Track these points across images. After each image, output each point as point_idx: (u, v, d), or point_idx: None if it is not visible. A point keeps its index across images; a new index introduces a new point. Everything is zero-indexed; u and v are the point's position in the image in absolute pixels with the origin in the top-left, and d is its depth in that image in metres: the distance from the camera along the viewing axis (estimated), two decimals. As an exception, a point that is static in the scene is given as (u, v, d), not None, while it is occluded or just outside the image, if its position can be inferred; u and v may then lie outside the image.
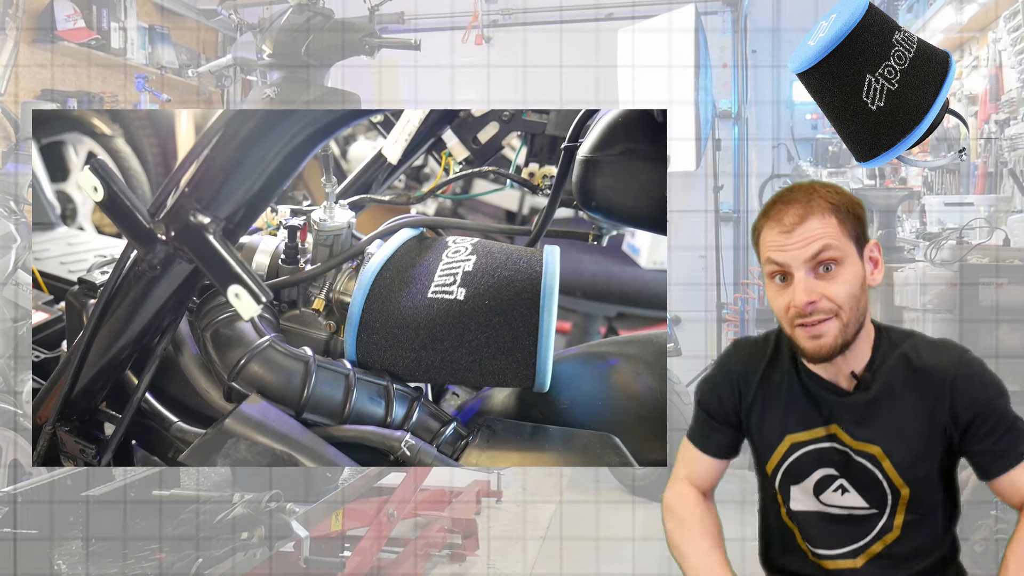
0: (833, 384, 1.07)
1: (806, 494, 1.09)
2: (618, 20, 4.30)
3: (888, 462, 1.04)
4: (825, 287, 1.00)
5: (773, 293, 1.04)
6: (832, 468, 1.07)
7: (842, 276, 1.01)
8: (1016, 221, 2.62)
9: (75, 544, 1.63)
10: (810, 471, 1.08)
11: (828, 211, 1.01)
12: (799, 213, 1.01)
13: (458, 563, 2.81)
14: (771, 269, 1.03)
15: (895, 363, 1.05)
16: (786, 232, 1.01)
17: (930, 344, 1.07)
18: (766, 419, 1.11)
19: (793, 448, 1.08)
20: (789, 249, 1.01)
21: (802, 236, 1.00)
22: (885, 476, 1.05)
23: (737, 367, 1.14)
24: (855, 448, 1.05)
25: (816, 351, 1.02)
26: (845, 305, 1.01)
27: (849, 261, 1.01)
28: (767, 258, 1.03)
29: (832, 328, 1.01)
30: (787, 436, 1.09)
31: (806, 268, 1.00)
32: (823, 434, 1.07)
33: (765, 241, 1.03)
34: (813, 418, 1.07)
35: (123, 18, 3.89)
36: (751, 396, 1.12)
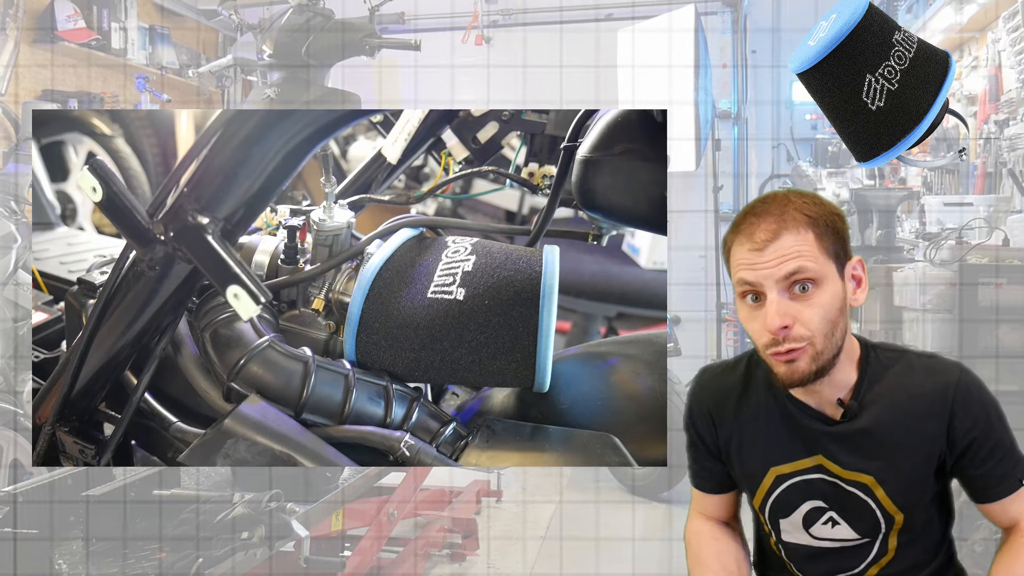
0: (819, 412, 1.00)
1: (795, 527, 1.04)
2: (618, 21, 4.31)
3: (881, 491, 0.99)
4: (799, 310, 0.92)
5: (745, 314, 0.96)
6: (820, 500, 1.02)
7: (818, 298, 0.92)
8: (1015, 221, 2.62)
9: (75, 544, 1.63)
10: (798, 504, 1.03)
11: (804, 225, 0.93)
12: (771, 228, 0.92)
13: (458, 563, 2.81)
14: (742, 289, 0.95)
15: (886, 387, 0.98)
16: (757, 249, 0.92)
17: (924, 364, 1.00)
18: (746, 452, 1.05)
19: (778, 481, 1.02)
20: (760, 268, 0.92)
21: (775, 254, 0.91)
22: (879, 505, 1.00)
23: (706, 399, 1.08)
24: (845, 478, 1.00)
25: (788, 376, 0.94)
26: (820, 331, 0.92)
27: (827, 281, 0.93)
28: (738, 278, 0.94)
29: (805, 356, 0.93)
30: (771, 469, 1.03)
31: (779, 288, 0.92)
32: (809, 465, 1.01)
33: (735, 258, 0.95)
34: (797, 449, 1.01)
35: (123, 18, 3.89)
36: (727, 429, 1.05)
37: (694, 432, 1.10)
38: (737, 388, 1.05)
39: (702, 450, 1.10)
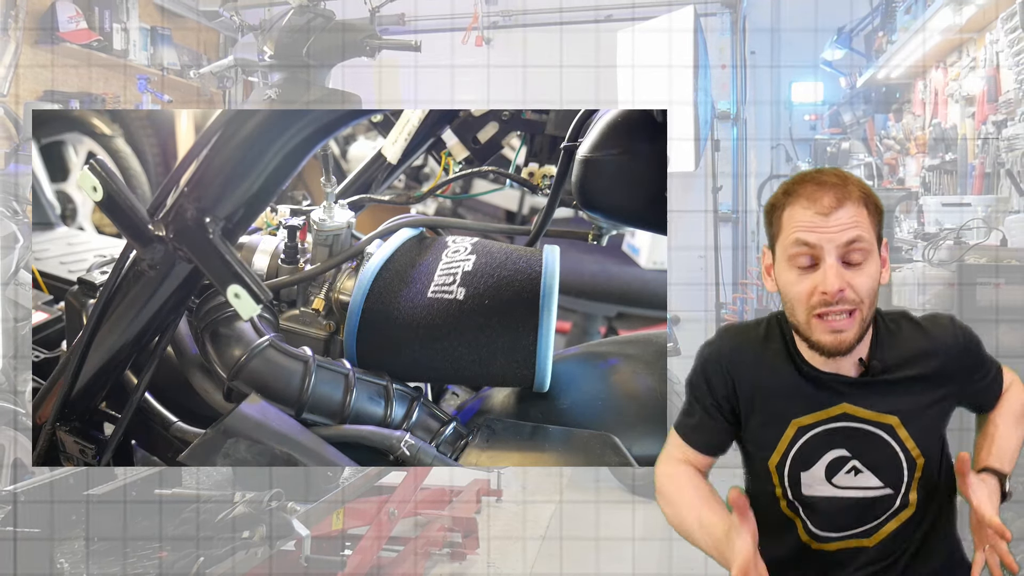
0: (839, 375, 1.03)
1: (817, 480, 1.05)
2: (618, 22, 4.31)
3: (905, 431, 1.02)
4: (852, 277, 0.96)
5: (793, 278, 0.97)
6: (843, 448, 1.03)
7: (867, 270, 0.97)
8: (1013, 221, 2.62)
9: (77, 543, 1.64)
10: (820, 454, 1.04)
11: (861, 201, 0.97)
12: (837, 196, 0.96)
13: (458, 562, 2.81)
14: (798, 251, 0.96)
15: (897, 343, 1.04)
16: (823, 214, 0.95)
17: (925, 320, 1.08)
18: (768, 406, 1.05)
19: (800, 432, 1.03)
20: (824, 231, 0.95)
21: (838, 221, 0.95)
22: (902, 447, 1.02)
23: (728, 355, 1.07)
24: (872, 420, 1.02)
25: (836, 345, 0.97)
26: (867, 300, 0.97)
27: (873, 255, 0.98)
28: (796, 239, 0.96)
29: (853, 323, 0.97)
30: (793, 421, 1.04)
31: (837, 254, 0.95)
32: (834, 413, 1.03)
33: (793, 219, 0.96)
34: (820, 400, 1.03)
35: (125, 19, 3.90)
36: (747, 386, 1.06)
37: (705, 386, 1.08)
38: (758, 346, 1.07)
39: (708, 405, 1.08)
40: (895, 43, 3.61)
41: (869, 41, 4.10)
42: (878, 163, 4.06)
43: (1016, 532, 1.97)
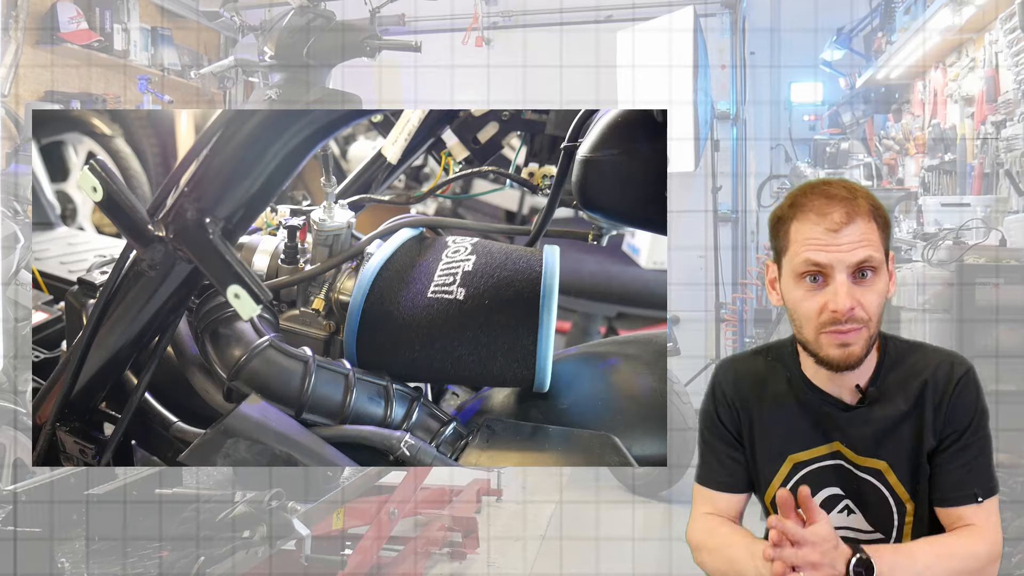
0: (836, 399, 1.02)
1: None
2: (618, 22, 4.32)
3: (893, 476, 1.01)
4: (862, 294, 0.95)
5: (801, 294, 0.96)
6: (837, 487, 1.03)
7: (876, 286, 0.96)
8: (1012, 221, 2.62)
9: (78, 543, 1.64)
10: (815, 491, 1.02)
11: (870, 215, 0.96)
12: (847, 212, 0.94)
13: (458, 561, 2.81)
14: (807, 269, 0.95)
15: (901, 375, 1.01)
16: (832, 231, 0.94)
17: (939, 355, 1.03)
18: (766, 440, 1.06)
19: (796, 468, 1.04)
20: (834, 251, 0.93)
21: (848, 238, 0.93)
22: (891, 491, 1.01)
23: (729, 389, 1.08)
24: (860, 465, 1.01)
25: (844, 359, 0.96)
26: (875, 317, 0.96)
27: (882, 272, 0.97)
28: (806, 258, 0.95)
29: (861, 338, 0.96)
30: (789, 456, 1.04)
31: (848, 272, 0.94)
32: (826, 451, 1.02)
33: (801, 235, 0.95)
34: (815, 436, 1.03)
35: (126, 20, 3.90)
36: (748, 416, 1.06)
37: (718, 423, 1.08)
38: (758, 377, 1.06)
39: (728, 440, 1.08)
40: (894, 43, 3.62)
41: (868, 41, 4.10)
42: (877, 163, 4.07)
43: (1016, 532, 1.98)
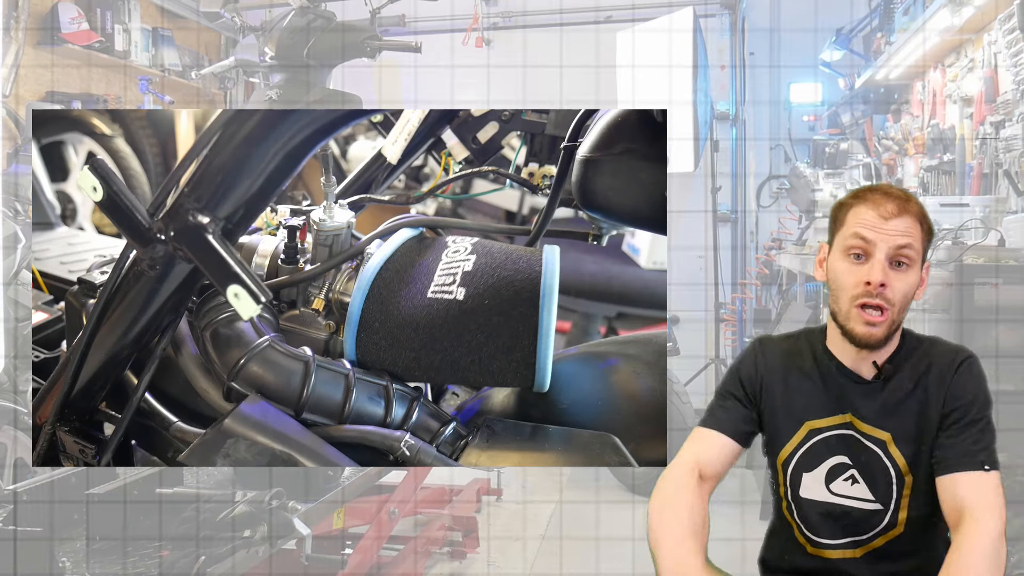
0: (855, 373, 1.13)
1: (817, 482, 1.13)
2: (617, 23, 4.32)
3: (895, 447, 1.10)
4: (894, 279, 1.08)
5: (845, 267, 1.09)
6: (845, 456, 1.12)
7: (908, 277, 1.08)
8: (1011, 222, 2.63)
9: (79, 542, 1.64)
10: (824, 458, 1.13)
11: (919, 218, 1.10)
12: (899, 206, 1.08)
13: (458, 561, 2.82)
14: (854, 243, 1.08)
15: (914, 359, 1.13)
16: (884, 217, 1.08)
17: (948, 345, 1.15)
18: (785, 407, 1.16)
19: (811, 434, 1.13)
20: (882, 232, 1.07)
21: (895, 227, 1.08)
22: (892, 462, 1.10)
23: (759, 358, 1.19)
24: (866, 433, 1.11)
25: (867, 337, 1.08)
26: (899, 304, 1.08)
27: (916, 267, 1.09)
28: (855, 232, 1.08)
29: (885, 321, 1.08)
30: (806, 422, 1.14)
31: (887, 254, 1.08)
32: (840, 421, 1.13)
33: (857, 217, 1.09)
34: (831, 405, 1.13)
35: (127, 20, 3.90)
36: (771, 384, 1.17)
37: (738, 381, 1.20)
38: (787, 351, 1.19)
39: (742, 397, 1.19)
40: (893, 44, 3.62)
41: (868, 42, 4.10)
42: (876, 163, 4.07)
43: (1015, 532, 1.98)
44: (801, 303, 3.65)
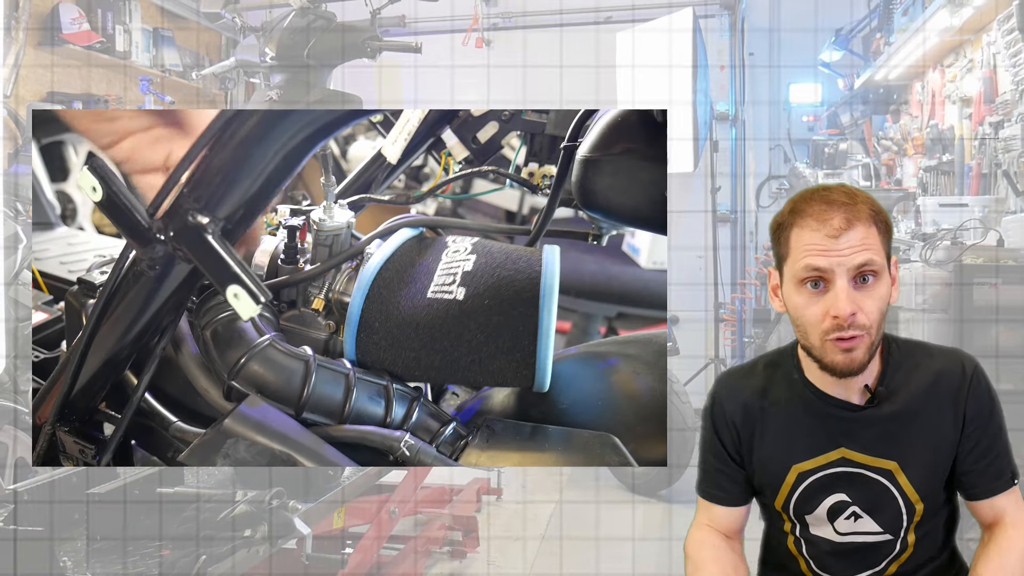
0: (844, 401, 1.02)
1: (820, 521, 1.06)
2: (617, 23, 4.32)
3: (904, 477, 1.01)
4: (863, 300, 0.95)
5: (803, 301, 0.96)
6: (843, 494, 1.03)
7: (877, 291, 0.96)
8: (1010, 222, 2.63)
9: (79, 542, 1.64)
10: (821, 499, 1.04)
11: (870, 220, 0.95)
12: (846, 217, 0.94)
13: (458, 560, 2.82)
14: (808, 275, 0.95)
15: (908, 374, 1.02)
16: (832, 237, 0.93)
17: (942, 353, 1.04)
18: (768, 452, 1.06)
19: (801, 478, 1.04)
20: (834, 255, 0.93)
21: (848, 244, 0.93)
22: (901, 492, 1.01)
23: (728, 404, 1.09)
24: (870, 465, 1.01)
25: (847, 366, 0.96)
26: (875, 323, 0.96)
27: (884, 275, 0.96)
28: (806, 264, 0.95)
29: (864, 344, 0.96)
30: (793, 467, 1.04)
31: (848, 277, 0.94)
32: (832, 458, 1.03)
33: (802, 242, 0.96)
34: (819, 443, 1.03)
35: (127, 21, 3.90)
36: (749, 432, 1.07)
37: (716, 439, 1.10)
38: (758, 390, 1.07)
39: (723, 457, 1.10)
40: (893, 44, 3.62)
41: (867, 43, 4.11)
42: (876, 164, 4.07)
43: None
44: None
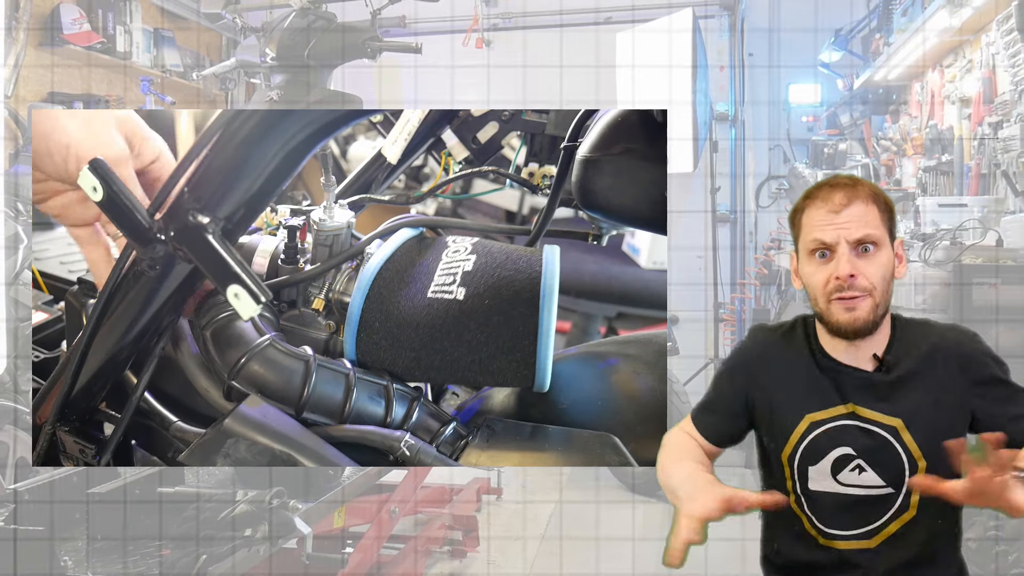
0: (853, 367, 1.11)
1: (823, 475, 1.12)
2: (617, 24, 4.32)
3: (908, 434, 1.09)
4: (864, 266, 1.07)
5: (812, 269, 1.09)
6: (849, 447, 1.11)
7: (878, 259, 1.08)
8: (1009, 222, 2.63)
9: (80, 542, 1.64)
10: (827, 450, 1.11)
11: (870, 199, 1.09)
12: (847, 195, 1.08)
13: (458, 559, 2.82)
14: (815, 246, 1.09)
15: (914, 344, 1.11)
16: (834, 212, 1.07)
17: (945, 326, 1.15)
18: (784, 401, 1.14)
19: (812, 427, 1.12)
20: (837, 228, 1.07)
21: (848, 218, 1.07)
22: (904, 449, 1.08)
23: (754, 350, 1.18)
24: (876, 421, 1.10)
25: (851, 323, 1.07)
26: (879, 286, 1.07)
27: (884, 247, 1.09)
28: (813, 237, 1.08)
29: (866, 304, 1.07)
30: (806, 415, 1.12)
31: (849, 247, 1.07)
32: (842, 412, 1.11)
33: (811, 220, 1.09)
34: (832, 396, 1.12)
35: (128, 22, 3.91)
36: (767, 378, 1.15)
37: (729, 385, 1.19)
38: (781, 343, 1.17)
39: (731, 401, 1.18)
40: (892, 45, 3.63)
41: (866, 43, 4.11)
42: (875, 164, 4.08)
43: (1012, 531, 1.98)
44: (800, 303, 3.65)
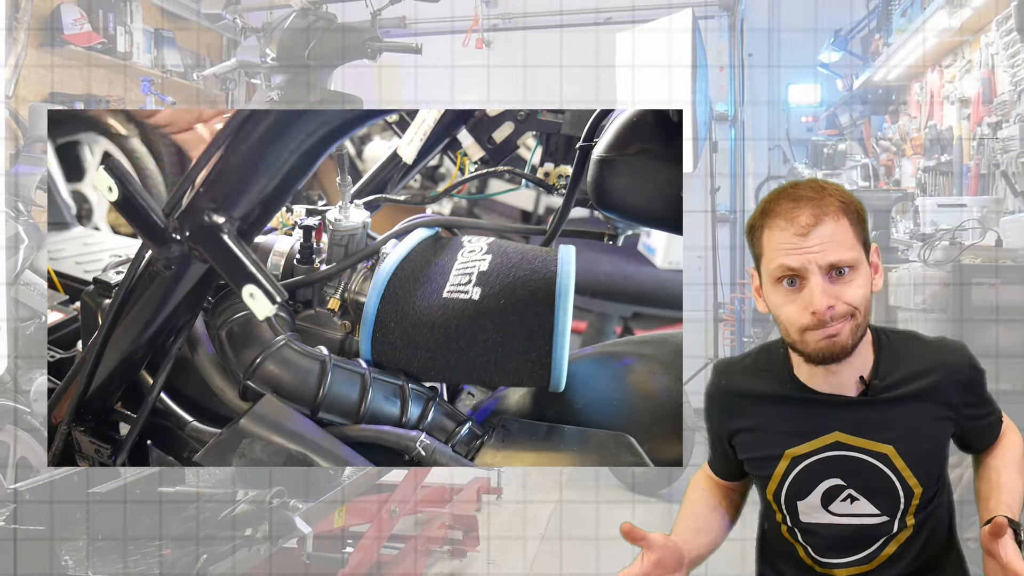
0: (836, 395, 1.02)
1: (813, 508, 1.05)
2: (617, 24, 4.33)
3: (901, 460, 1.01)
4: (840, 291, 0.95)
5: (780, 299, 0.97)
6: (837, 478, 1.03)
7: (856, 280, 0.95)
8: (1008, 222, 2.65)
9: (80, 541, 1.63)
10: (815, 484, 1.03)
11: (841, 212, 0.95)
12: (814, 213, 0.94)
13: (458, 559, 2.83)
14: (782, 274, 0.96)
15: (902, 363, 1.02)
16: (801, 235, 0.93)
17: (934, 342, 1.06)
18: (760, 439, 1.06)
19: (794, 463, 1.04)
20: (805, 253, 0.93)
21: (818, 240, 0.93)
22: (897, 475, 1.02)
23: (719, 391, 1.10)
24: (865, 448, 1.01)
25: (830, 349, 0.96)
26: (861, 307, 0.96)
27: (860, 267, 0.96)
28: (779, 264, 0.95)
29: (847, 329, 0.95)
30: (786, 451, 1.04)
31: (822, 272, 0.94)
32: (827, 442, 1.02)
33: (773, 242, 0.96)
34: (812, 428, 1.03)
35: (129, 22, 3.89)
36: (738, 417, 1.08)
37: (709, 422, 1.14)
38: (746, 378, 1.08)
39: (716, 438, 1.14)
40: (891, 45, 3.65)
41: (866, 43, 4.14)
42: (874, 164, 4.10)
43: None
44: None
